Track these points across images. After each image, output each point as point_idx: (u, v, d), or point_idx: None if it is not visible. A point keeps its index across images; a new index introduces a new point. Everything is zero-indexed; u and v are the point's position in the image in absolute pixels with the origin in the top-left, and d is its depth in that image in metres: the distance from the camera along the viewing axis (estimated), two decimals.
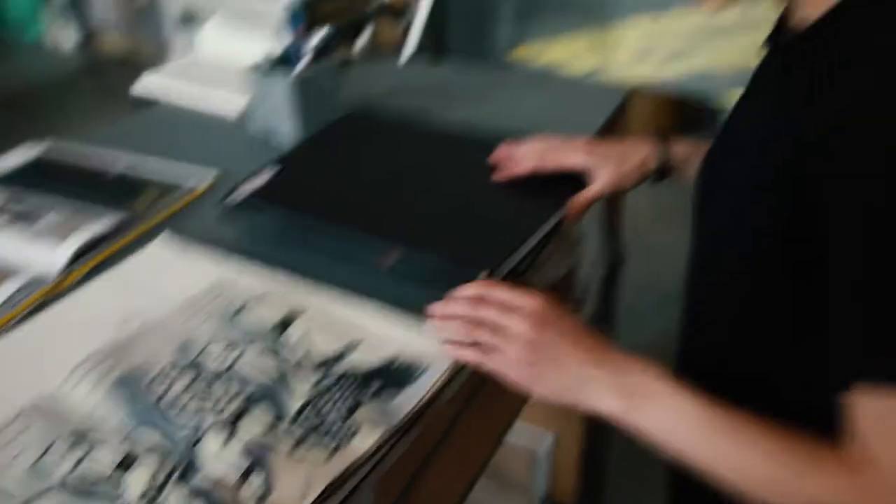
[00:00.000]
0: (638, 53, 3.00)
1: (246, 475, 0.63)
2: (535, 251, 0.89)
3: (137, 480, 0.63)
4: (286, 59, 1.16)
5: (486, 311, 0.74)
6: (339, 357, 0.76)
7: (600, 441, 1.62)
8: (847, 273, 0.60)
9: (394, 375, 0.74)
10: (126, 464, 0.64)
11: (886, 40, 0.60)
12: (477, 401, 0.83)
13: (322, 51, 1.16)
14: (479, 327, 0.74)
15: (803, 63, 0.67)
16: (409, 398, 0.72)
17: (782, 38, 0.73)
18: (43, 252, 0.91)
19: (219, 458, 0.65)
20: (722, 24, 2.80)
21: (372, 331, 0.79)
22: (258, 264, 0.88)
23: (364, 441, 0.67)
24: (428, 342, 0.78)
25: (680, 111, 3.02)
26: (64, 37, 4.53)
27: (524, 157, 0.99)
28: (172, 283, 0.86)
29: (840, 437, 0.61)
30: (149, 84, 1.38)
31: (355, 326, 0.80)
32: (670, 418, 0.67)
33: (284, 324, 0.79)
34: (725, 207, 0.75)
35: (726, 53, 2.81)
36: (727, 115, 0.81)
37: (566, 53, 3.16)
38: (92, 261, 0.92)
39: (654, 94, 2.93)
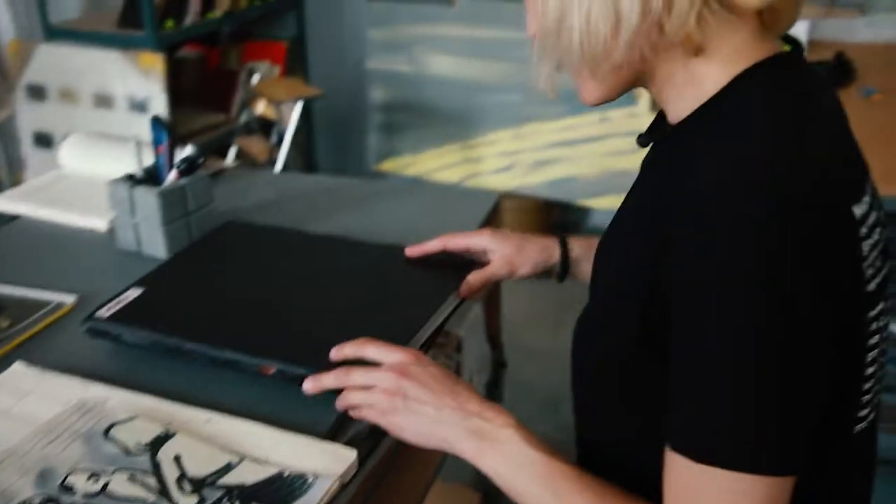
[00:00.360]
0: (502, 164, 3.11)
1: None
2: None
3: None
4: (153, 174, 1.14)
5: (356, 374, 0.79)
6: (218, 476, 0.72)
7: None
8: (682, 353, 0.63)
9: (279, 492, 0.71)
10: None
11: (716, 148, 0.64)
12: None
13: (189, 167, 1.14)
14: (351, 388, 0.79)
15: (664, 159, 0.72)
16: None
17: (648, 137, 0.77)
18: None
19: None
20: (578, 135, 2.96)
21: (254, 447, 0.75)
22: (125, 386, 0.84)
23: None
24: (313, 455, 0.75)
25: (548, 214, 3.13)
26: None
27: (432, 240, 1.05)
28: (32, 408, 0.80)
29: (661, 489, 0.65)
30: (8, 202, 1.31)
31: (236, 443, 0.76)
32: (509, 466, 0.72)
33: (157, 443, 0.75)
34: (603, 295, 0.77)
35: (584, 161, 2.96)
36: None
37: (433, 166, 3.24)
38: None
39: (523, 198, 3.03)
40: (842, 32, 2.43)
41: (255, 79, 3.05)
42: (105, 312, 0.93)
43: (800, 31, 2.19)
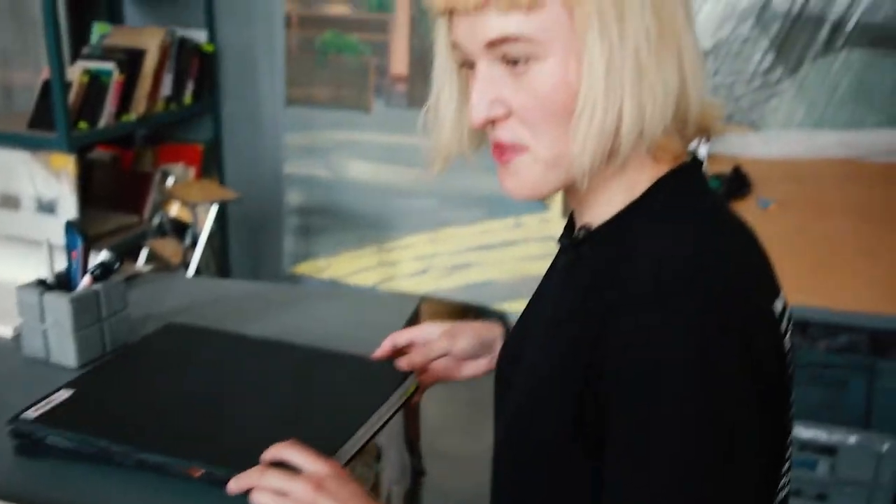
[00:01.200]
0: (418, 268, 3.14)
1: None
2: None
3: None
4: (65, 279, 1.11)
5: (271, 476, 0.76)
6: None
7: None
8: (622, 446, 0.64)
9: None
10: None
11: (652, 247, 0.67)
12: None
13: (104, 272, 1.12)
14: (264, 489, 0.77)
15: (586, 263, 0.74)
16: None
17: (571, 239, 0.78)
18: None
19: None
20: (493, 239, 3.02)
21: None
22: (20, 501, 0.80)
23: None
24: None
25: (464, 318, 3.14)
26: None
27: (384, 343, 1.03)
28: None
29: None
30: None
31: None
32: None
33: None
34: (521, 396, 0.76)
35: (500, 265, 3.01)
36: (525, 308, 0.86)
37: (349, 269, 3.25)
38: None
39: (439, 302, 3.05)
40: (737, 147, 2.58)
41: (170, 181, 3.03)
42: (32, 414, 0.90)
43: (699, 144, 2.31)
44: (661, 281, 0.64)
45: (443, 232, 3.09)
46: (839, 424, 1.74)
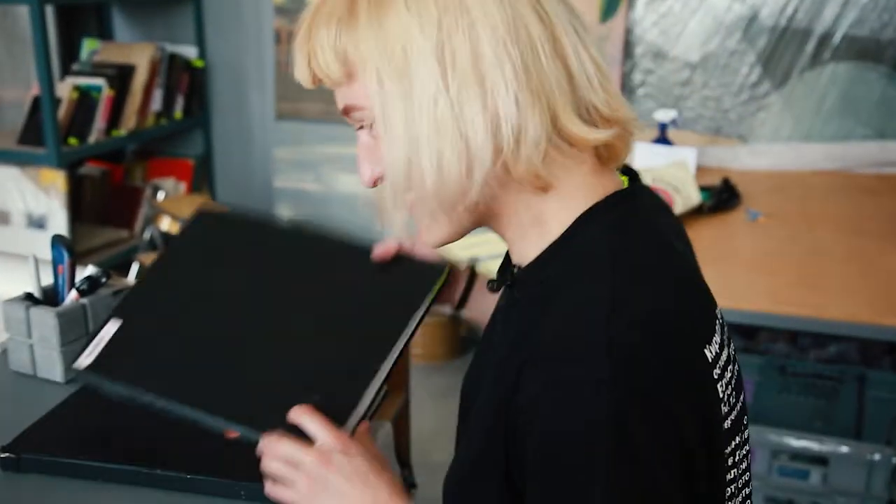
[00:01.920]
0: None
1: None
2: None
3: None
4: (52, 294, 1.11)
5: (283, 447, 0.77)
6: None
7: None
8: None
9: None
10: None
11: (565, 301, 0.65)
12: None
13: (91, 287, 1.12)
14: (274, 460, 0.77)
15: (519, 306, 0.72)
16: None
17: (499, 281, 0.78)
18: None
19: None
20: (485, 251, 3.01)
21: None
22: None
23: None
24: None
25: (456, 328, 3.13)
26: None
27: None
28: None
29: None
30: None
31: None
32: None
33: None
34: (469, 436, 0.75)
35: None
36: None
37: None
38: None
39: (431, 312, 3.03)
40: (726, 159, 2.59)
41: (161, 195, 3.02)
42: (85, 360, 0.87)
43: (688, 156, 2.32)
44: (568, 342, 0.62)
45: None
46: (831, 434, 1.74)
